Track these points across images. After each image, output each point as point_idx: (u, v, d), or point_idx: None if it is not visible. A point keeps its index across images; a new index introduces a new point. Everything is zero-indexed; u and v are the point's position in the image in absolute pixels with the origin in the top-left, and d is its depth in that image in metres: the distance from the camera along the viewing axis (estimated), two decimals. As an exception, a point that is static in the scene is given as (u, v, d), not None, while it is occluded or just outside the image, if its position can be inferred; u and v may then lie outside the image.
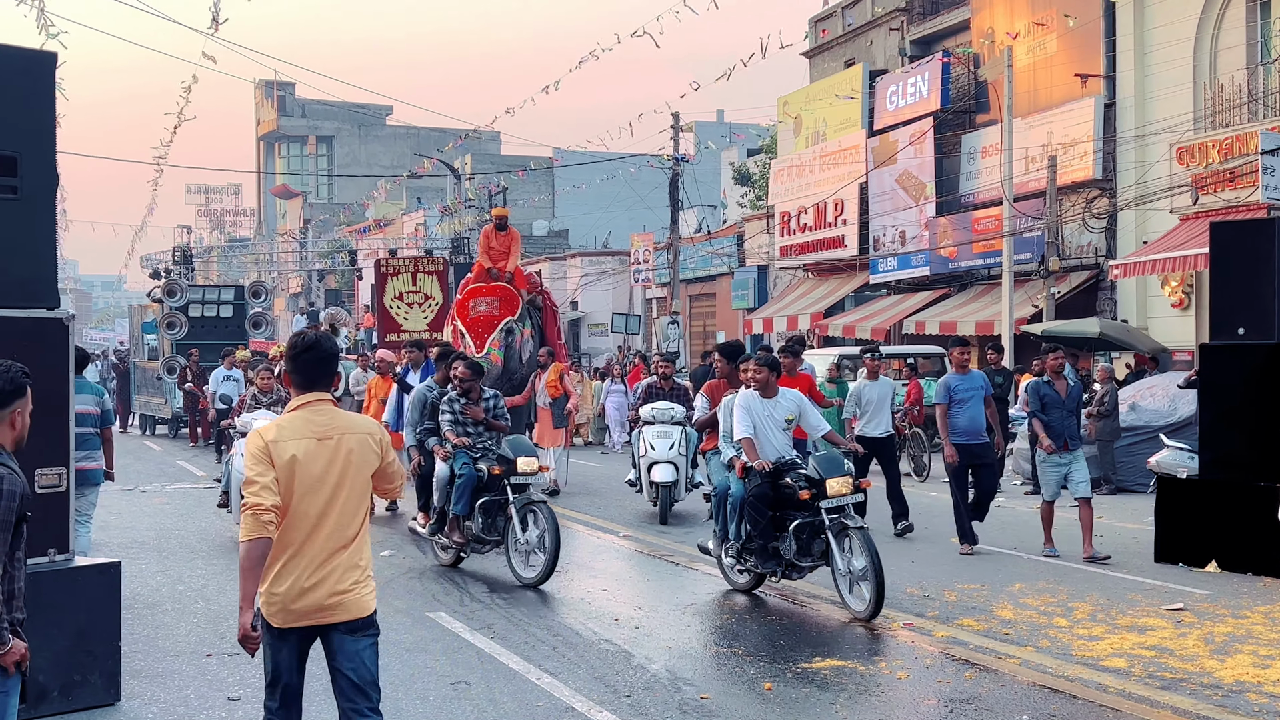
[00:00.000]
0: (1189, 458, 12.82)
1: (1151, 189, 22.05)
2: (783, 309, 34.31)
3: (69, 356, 6.36)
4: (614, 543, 12.06)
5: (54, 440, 6.20)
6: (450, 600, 9.16)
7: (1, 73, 6.02)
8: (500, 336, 15.85)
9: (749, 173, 45.52)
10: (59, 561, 6.25)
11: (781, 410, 9.15)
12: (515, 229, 17.91)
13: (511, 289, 16.55)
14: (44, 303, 6.22)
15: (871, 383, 12.95)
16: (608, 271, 45.41)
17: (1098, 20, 24.15)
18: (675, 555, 11.22)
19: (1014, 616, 8.53)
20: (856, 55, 33.14)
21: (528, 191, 55.62)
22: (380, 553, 11.30)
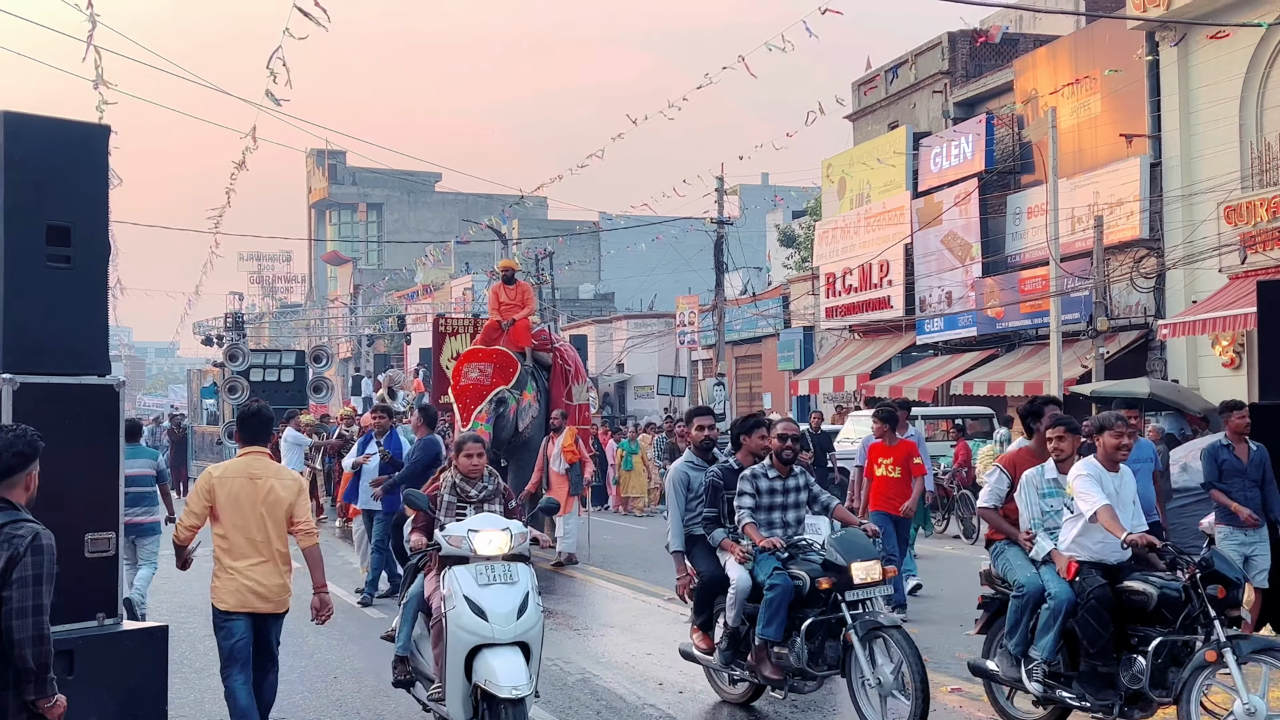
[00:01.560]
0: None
1: (1199, 248, 21.89)
2: (829, 370, 34.23)
3: (119, 422, 6.46)
4: (658, 606, 12.00)
5: (104, 505, 6.28)
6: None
7: (57, 145, 6.19)
8: (489, 408, 14.56)
9: (794, 234, 45.66)
10: (107, 626, 6.31)
11: (1129, 487, 7.00)
12: (526, 282, 16.92)
13: (507, 353, 15.26)
14: (95, 369, 6.33)
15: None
16: (653, 334, 45.54)
17: (1141, 80, 24.14)
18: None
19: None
20: (900, 118, 33.27)
21: (574, 255, 56.03)
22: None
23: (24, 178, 6.04)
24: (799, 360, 37.66)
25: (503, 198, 48.28)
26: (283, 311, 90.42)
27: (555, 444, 14.96)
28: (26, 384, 5.98)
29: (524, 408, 15.04)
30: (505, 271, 16.76)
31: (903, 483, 11.05)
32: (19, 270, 6.04)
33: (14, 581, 3.88)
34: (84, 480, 6.17)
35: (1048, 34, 29.62)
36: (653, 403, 43.66)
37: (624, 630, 10.74)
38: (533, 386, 15.35)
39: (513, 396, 14.84)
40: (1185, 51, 23.03)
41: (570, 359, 16.59)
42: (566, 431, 14.98)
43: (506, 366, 15.04)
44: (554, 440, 15.01)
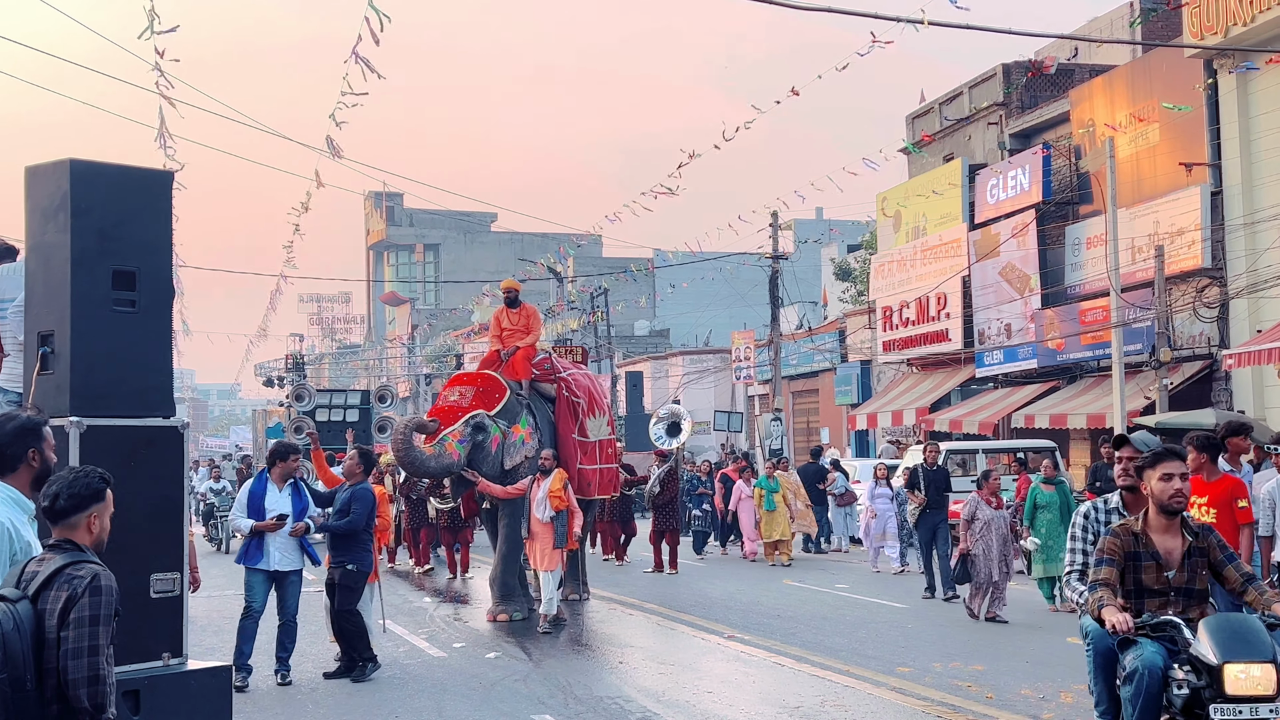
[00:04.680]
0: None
1: (1263, 276, 21.55)
2: (887, 404, 33.98)
3: (184, 463, 6.55)
4: (719, 644, 11.93)
5: (168, 545, 6.36)
6: (554, 703, 9.12)
7: (122, 192, 6.32)
8: (464, 429, 13.19)
9: (849, 268, 45.50)
10: (172, 665, 6.37)
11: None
12: (532, 305, 15.36)
13: (494, 377, 13.95)
14: (160, 412, 6.43)
15: None
16: (709, 370, 45.49)
17: (1201, 108, 23.88)
18: (782, 656, 11.05)
19: None
20: (955, 150, 33.13)
21: (629, 293, 56.20)
22: (486, 655, 11.33)
23: (90, 224, 6.17)
24: (856, 394, 37.43)
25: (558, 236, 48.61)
26: (342, 352, 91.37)
27: (541, 487, 12.99)
28: (93, 426, 6.08)
29: (512, 442, 13.60)
30: (508, 293, 14.99)
31: (1219, 530, 8.08)
32: (86, 315, 6.16)
33: (71, 622, 3.93)
34: (149, 521, 6.26)
35: (1104, 64, 29.40)
36: (709, 438, 43.54)
37: (685, 668, 10.68)
38: (528, 421, 13.91)
39: (495, 426, 13.48)
40: (1244, 78, 22.76)
41: (580, 390, 14.94)
42: (555, 475, 13.00)
43: (491, 392, 13.73)
44: (540, 483, 13.04)
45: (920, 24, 12.55)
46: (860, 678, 9.93)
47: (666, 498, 19.37)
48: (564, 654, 11.50)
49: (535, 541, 12.95)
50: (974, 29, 12.87)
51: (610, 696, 9.32)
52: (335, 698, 9.54)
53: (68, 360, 6.14)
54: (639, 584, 17.30)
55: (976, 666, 10.32)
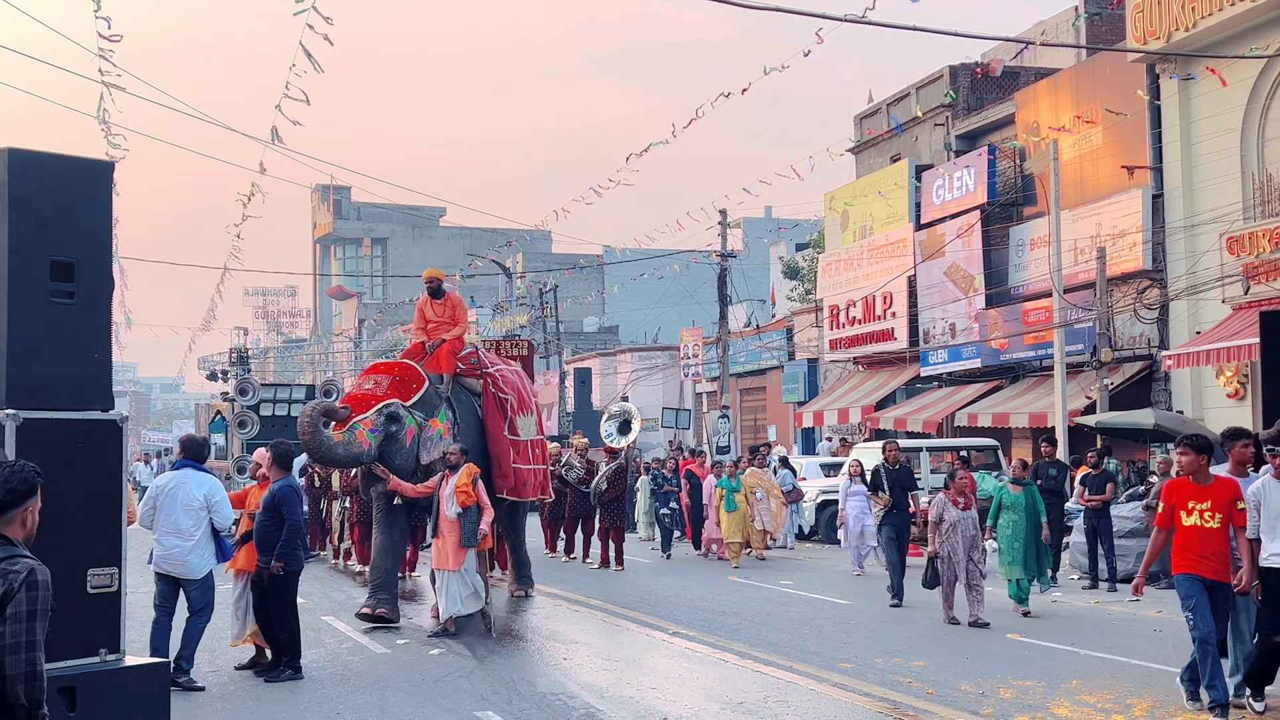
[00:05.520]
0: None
1: (1202, 279, 21.90)
2: (833, 402, 34.21)
3: (123, 457, 6.48)
4: (664, 640, 11.96)
5: (106, 540, 6.30)
6: (498, 699, 9.11)
7: (61, 182, 6.24)
8: (377, 418, 12.63)
9: (797, 267, 45.76)
10: (110, 661, 6.30)
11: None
12: (457, 295, 14.69)
13: (413, 367, 13.39)
14: (98, 405, 6.35)
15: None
16: (658, 367, 45.58)
17: (1143, 112, 24.22)
18: (726, 652, 11.10)
19: (1070, 714, 8.36)
20: (902, 151, 33.39)
21: (578, 289, 56.18)
22: (429, 651, 11.29)
23: (28, 214, 6.09)
24: (803, 392, 37.66)
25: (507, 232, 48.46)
26: (287, 346, 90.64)
27: (449, 483, 12.26)
28: (30, 420, 6.00)
29: (429, 436, 12.99)
30: (431, 283, 14.33)
31: (1222, 536, 8.20)
32: (23, 306, 6.08)
33: (8, 617, 3.89)
34: (87, 515, 6.19)
35: (1049, 67, 29.74)
36: (658, 435, 43.61)
37: (630, 664, 10.69)
38: (447, 416, 13.33)
39: (411, 418, 12.91)
40: (1186, 83, 23.11)
41: (509, 387, 14.30)
42: (464, 470, 12.30)
43: (408, 382, 13.13)
44: (448, 479, 12.32)
45: (864, 22, 12.64)
46: (803, 674, 9.99)
47: (614, 495, 19.35)
48: (508, 650, 11.48)
49: (440, 540, 12.30)
50: (920, 30, 12.97)
51: (554, 693, 9.33)
52: (276, 694, 9.48)
53: (4, 352, 6.06)
54: (584, 581, 17.30)
55: (918, 662, 10.42)
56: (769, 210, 57.50)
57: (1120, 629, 12.48)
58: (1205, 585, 8.08)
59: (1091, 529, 16.12)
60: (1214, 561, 8.10)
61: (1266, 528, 8.03)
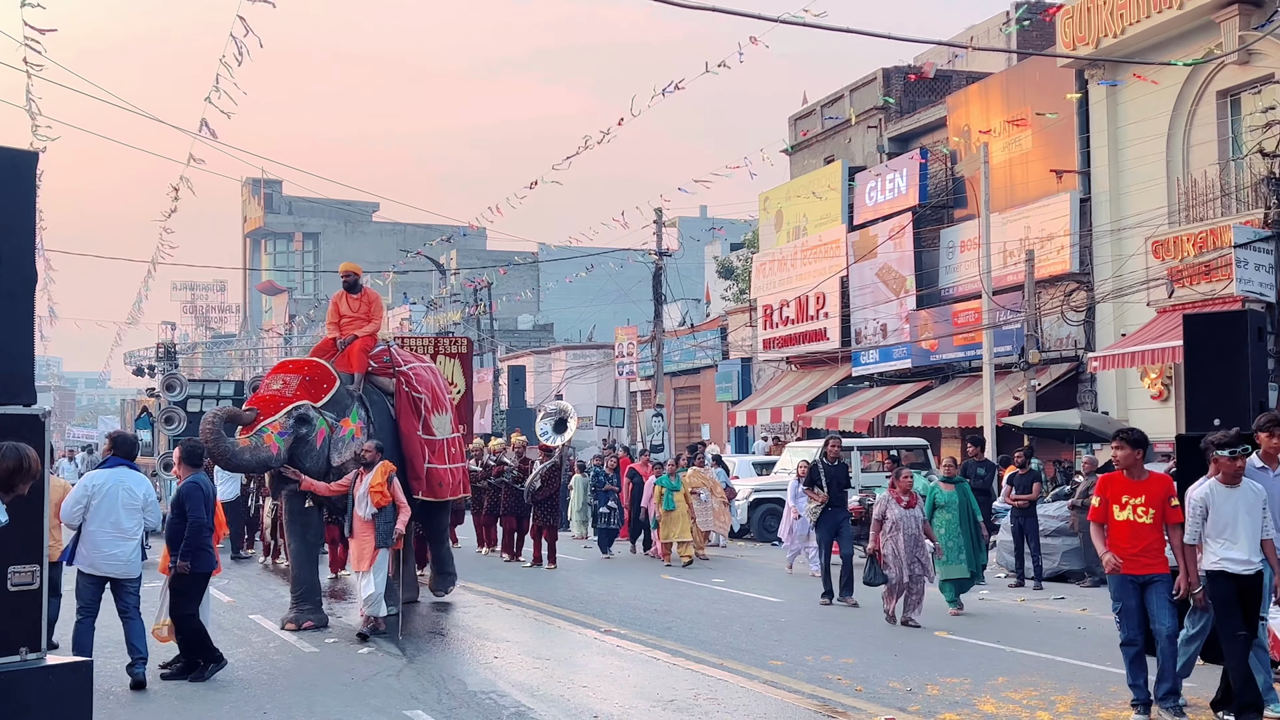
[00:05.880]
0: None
1: (1128, 282, 22.30)
2: (766, 401, 34.41)
3: (45, 453, 6.35)
4: (596, 638, 11.96)
5: (28, 537, 6.16)
6: (428, 698, 9.06)
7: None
8: (286, 420, 12.15)
9: (732, 267, 45.97)
10: (30, 660, 6.18)
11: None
12: (374, 291, 14.18)
13: (324, 366, 12.92)
14: (20, 399, 6.22)
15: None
16: (592, 365, 45.57)
17: (1072, 117, 24.61)
18: (658, 650, 11.13)
19: (996, 710, 8.47)
20: (836, 152, 33.66)
21: (513, 286, 56.00)
22: (358, 650, 11.20)
23: (-52, 204, 5.95)
24: (737, 391, 37.84)
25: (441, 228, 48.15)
26: (216, 342, 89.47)
27: (363, 482, 11.95)
28: (-52, 414, 5.87)
29: (340, 437, 12.56)
30: (347, 277, 13.90)
31: (1155, 531, 8.10)
32: (-58, 298, 5.94)
33: None
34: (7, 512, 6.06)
35: (981, 71, 30.13)
36: (591, 434, 43.58)
37: (561, 662, 10.68)
38: (360, 416, 12.93)
39: (322, 419, 12.47)
40: (1114, 89, 23.52)
41: (423, 385, 13.89)
42: (378, 469, 11.95)
43: (319, 381, 12.65)
44: (362, 478, 12.01)
45: (798, 24, 12.72)
46: (733, 671, 10.04)
47: (548, 493, 19.28)
48: (438, 649, 11.42)
49: (355, 540, 11.96)
50: (853, 33, 13.08)
51: (484, 691, 9.29)
52: (200, 694, 9.35)
53: (-78, 345, 5.91)
54: (517, 579, 17.25)
55: (847, 659, 10.51)
56: (704, 210, 57.72)
57: (1045, 626, 12.68)
58: (1137, 584, 8.04)
59: (1018, 528, 16.36)
60: (1145, 557, 8.04)
61: (1214, 533, 7.86)
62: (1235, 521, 7.79)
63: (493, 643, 11.75)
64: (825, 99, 34.61)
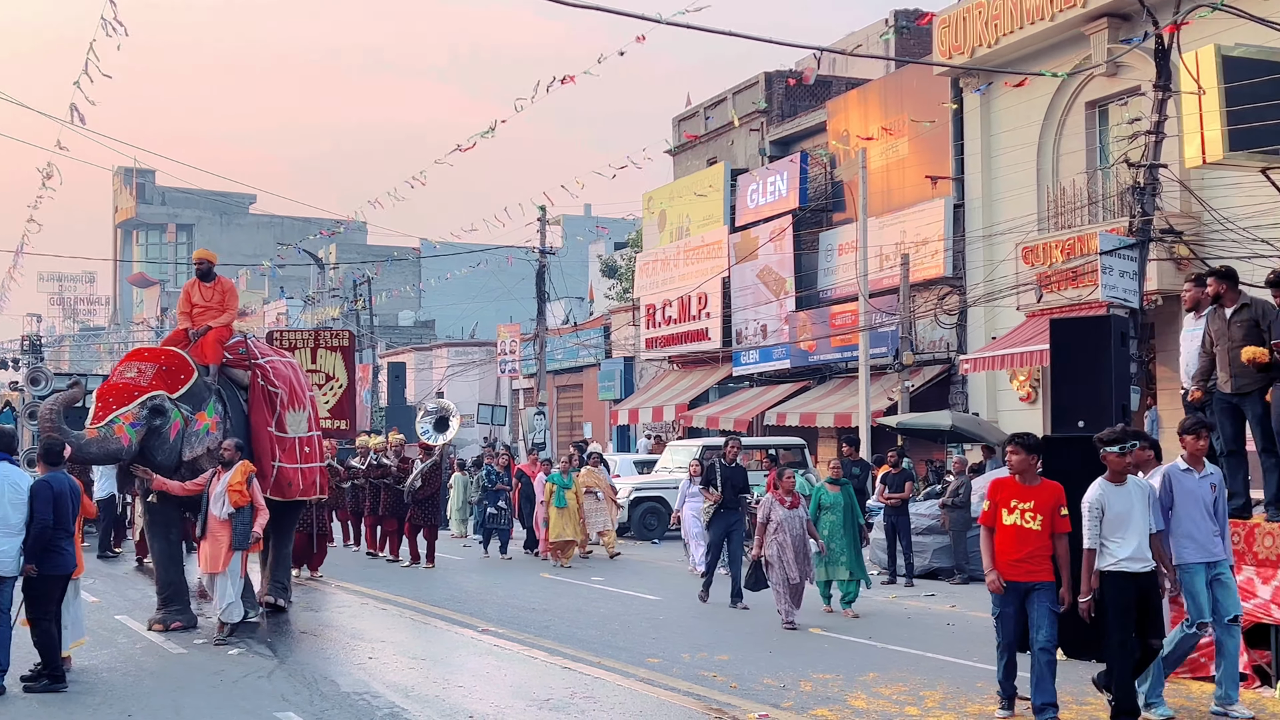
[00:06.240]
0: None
1: (999, 287, 22.85)
2: (648, 400, 34.57)
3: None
4: (473, 638, 11.89)
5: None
6: (299, 699, 8.91)
7: None
8: (139, 411, 11.60)
9: (616, 266, 46.07)
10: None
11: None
12: (229, 280, 13.59)
13: (181, 355, 12.37)
14: None
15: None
16: (474, 362, 45.29)
17: (946, 124, 25.17)
18: (536, 649, 11.10)
19: (867, 706, 8.62)
20: (719, 154, 33.95)
21: (394, 282, 55.33)
22: (228, 651, 10.97)
23: None
24: (619, 390, 37.93)
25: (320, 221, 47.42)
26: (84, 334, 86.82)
27: (221, 481, 11.51)
28: None
29: (194, 431, 12.03)
30: (200, 265, 13.32)
31: (1042, 539, 8.00)
32: None
33: None
34: None
35: (861, 77, 30.63)
36: (473, 431, 43.30)
37: (437, 662, 10.60)
38: (216, 409, 12.36)
39: (177, 411, 11.91)
40: (987, 98, 24.10)
41: (280, 380, 13.26)
42: (237, 468, 11.53)
43: (176, 371, 12.11)
44: (220, 476, 11.57)
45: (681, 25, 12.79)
46: (610, 669, 10.07)
47: (428, 493, 19.05)
48: (311, 649, 11.25)
49: (209, 541, 11.46)
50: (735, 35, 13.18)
51: (357, 692, 9.18)
52: (61, 698, 9.06)
53: None
54: (394, 578, 17.07)
55: (722, 657, 10.61)
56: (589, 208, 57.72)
57: (916, 623, 12.95)
58: (1020, 591, 7.94)
59: (891, 526, 16.68)
60: (1029, 564, 7.93)
61: (1109, 533, 7.75)
62: (1128, 520, 7.75)
63: (367, 643, 11.61)
64: (708, 101, 34.88)
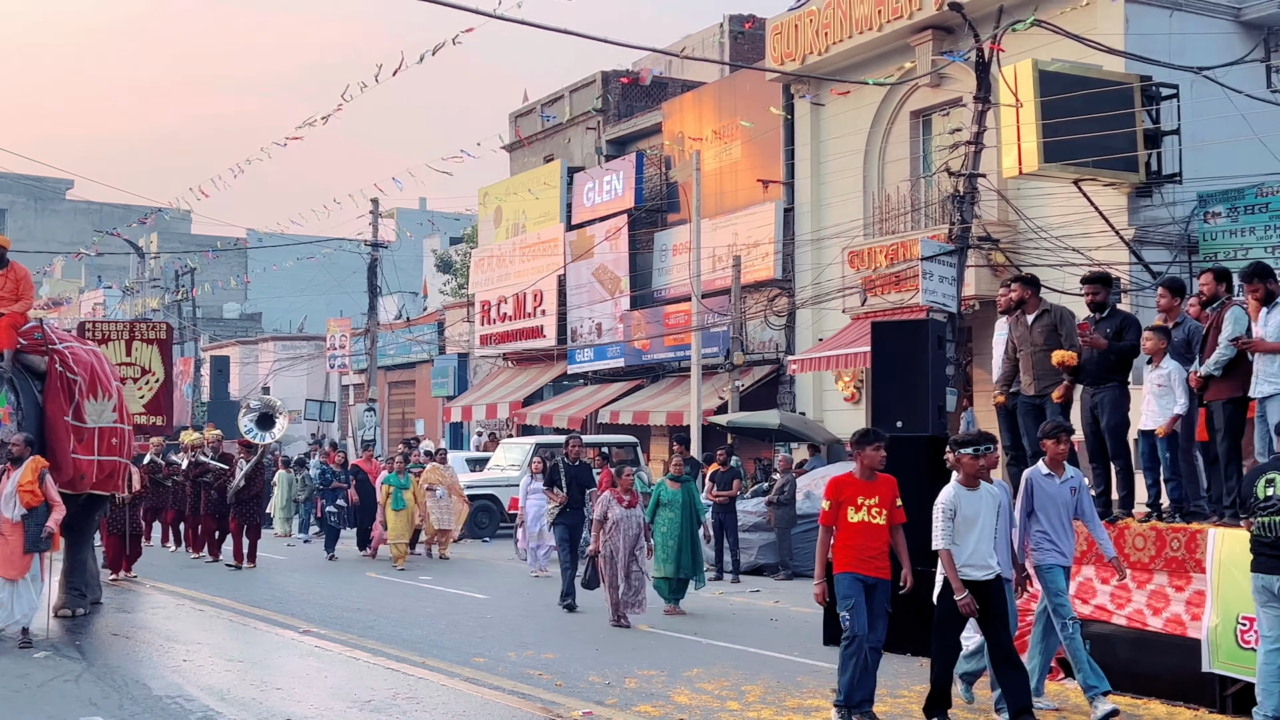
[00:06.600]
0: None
1: (826, 290, 23.39)
2: (482, 397, 34.34)
3: None
4: (294, 639, 11.63)
5: None
6: (109, 704, 8.58)
7: None
8: None
9: (451, 261, 45.65)
10: None
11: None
12: (22, 265, 13.01)
13: None
14: None
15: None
16: (302, 357, 44.35)
17: (778, 129, 25.63)
18: (359, 650, 10.92)
19: (690, 701, 8.72)
20: (555, 151, 33.92)
21: (220, 273, 53.77)
22: (34, 654, 10.51)
23: None
24: (453, 387, 37.58)
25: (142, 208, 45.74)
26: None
27: (10, 480, 10.87)
28: None
29: None
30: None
31: (886, 532, 8.09)
32: None
33: None
34: None
35: (697, 80, 30.97)
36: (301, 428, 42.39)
37: (255, 664, 10.34)
38: (8, 399, 11.82)
39: None
40: (817, 105, 24.62)
41: (81, 367, 12.63)
42: (28, 464, 10.88)
43: None
44: (10, 474, 10.91)
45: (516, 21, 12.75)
46: (435, 669, 9.98)
47: (252, 492, 18.54)
48: (123, 652, 10.86)
49: (1, 545, 10.81)
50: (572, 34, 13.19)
51: (170, 695, 8.88)
52: None
53: None
54: (213, 579, 16.60)
55: (549, 655, 10.61)
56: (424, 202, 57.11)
57: (740, 619, 13.17)
58: (866, 585, 7.94)
59: (718, 523, 16.92)
60: (879, 559, 7.98)
61: (955, 536, 7.75)
62: (974, 525, 7.75)
63: (182, 645, 11.25)
64: (546, 98, 34.83)
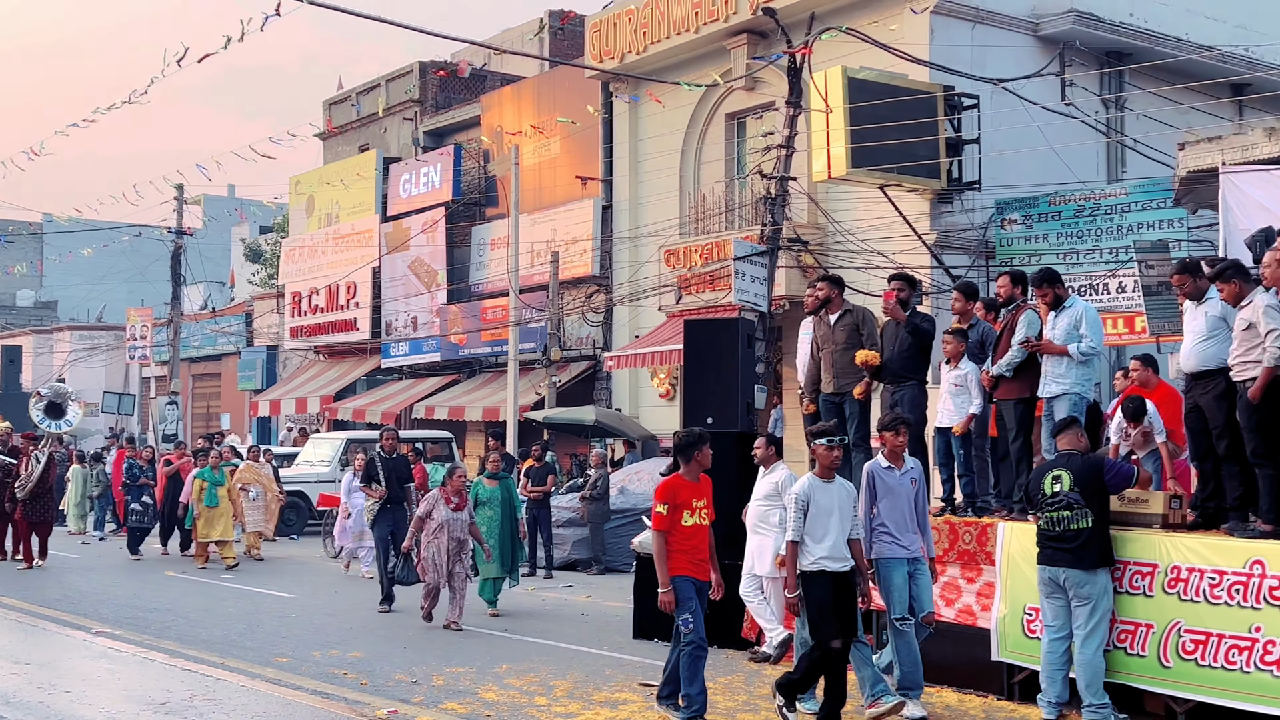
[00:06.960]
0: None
1: (642, 287, 23.58)
2: (292, 391, 33.54)
3: None
4: (85, 640, 11.16)
5: None
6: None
7: None
8: None
9: (260, 250, 44.46)
10: None
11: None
12: None
13: None
14: None
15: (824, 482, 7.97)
16: (101, 347, 42.60)
17: (597, 127, 25.73)
18: (154, 651, 10.54)
19: (497, 698, 8.69)
20: (371, 141, 33.34)
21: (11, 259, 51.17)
22: None
23: None
24: (261, 380, 36.62)
25: (-74, 189, 43.19)
26: None
27: None
28: None
29: None
30: None
31: (709, 533, 8.14)
32: None
33: None
34: None
35: (516, 74, 30.84)
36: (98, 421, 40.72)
37: (43, 667, 9.88)
38: None
39: None
40: (635, 104, 24.80)
41: None
42: None
43: None
44: None
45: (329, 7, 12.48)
46: (235, 670, 9.71)
47: (42, 487, 17.65)
48: (-104, 658, 10.24)
49: None
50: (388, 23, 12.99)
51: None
52: None
53: None
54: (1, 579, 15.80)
55: (355, 654, 10.43)
56: (233, 189, 55.48)
57: (552, 614, 13.17)
58: (698, 587, 7.90)
59: (532, 519, 16.89)
60: (707, 561, 7.97)
61: (809, 529, 7.73)
62: (829, 518, 7.74)
63: (-38, 650, 10.67)
64: (361, 86, 34.20)
